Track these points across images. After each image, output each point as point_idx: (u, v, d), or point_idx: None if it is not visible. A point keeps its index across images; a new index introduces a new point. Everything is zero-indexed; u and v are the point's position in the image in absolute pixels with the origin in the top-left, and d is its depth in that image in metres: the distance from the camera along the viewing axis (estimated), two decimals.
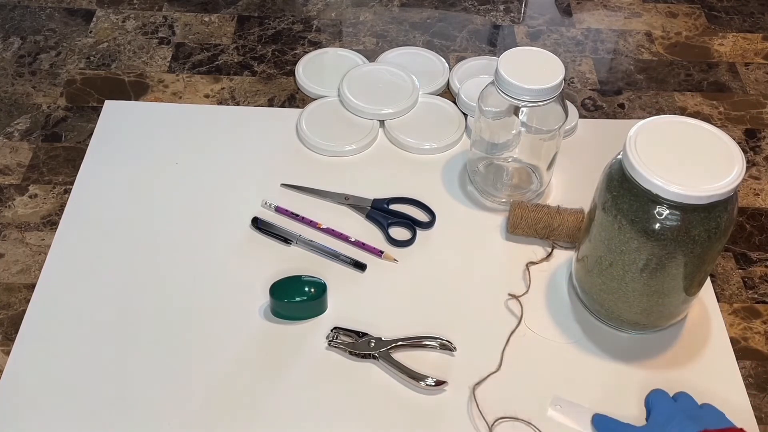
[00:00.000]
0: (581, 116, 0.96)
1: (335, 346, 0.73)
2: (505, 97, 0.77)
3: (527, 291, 0.78)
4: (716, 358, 0.74)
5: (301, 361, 0.72)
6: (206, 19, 1.09)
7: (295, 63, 1.02)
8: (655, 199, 0.64)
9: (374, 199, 0.85)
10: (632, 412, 0.70)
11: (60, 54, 1.03)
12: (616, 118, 0.98)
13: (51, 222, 0.83)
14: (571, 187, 0.87)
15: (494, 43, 1.08)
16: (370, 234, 0.83)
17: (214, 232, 0.82)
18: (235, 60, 1.03)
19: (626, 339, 0.75)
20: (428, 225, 0.84)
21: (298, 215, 0.84)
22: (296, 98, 0.98)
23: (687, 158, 0.65)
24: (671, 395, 0.69)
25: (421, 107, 0.96)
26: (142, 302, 0.76)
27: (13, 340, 0.73)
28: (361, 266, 0.80)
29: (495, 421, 0.68)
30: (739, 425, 0.64)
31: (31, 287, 0.77)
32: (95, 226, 0.82)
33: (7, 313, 0.75)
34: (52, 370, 0.71)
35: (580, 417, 0.69)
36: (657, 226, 0.65)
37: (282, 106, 0.97)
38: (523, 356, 0.73)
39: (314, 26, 1.09)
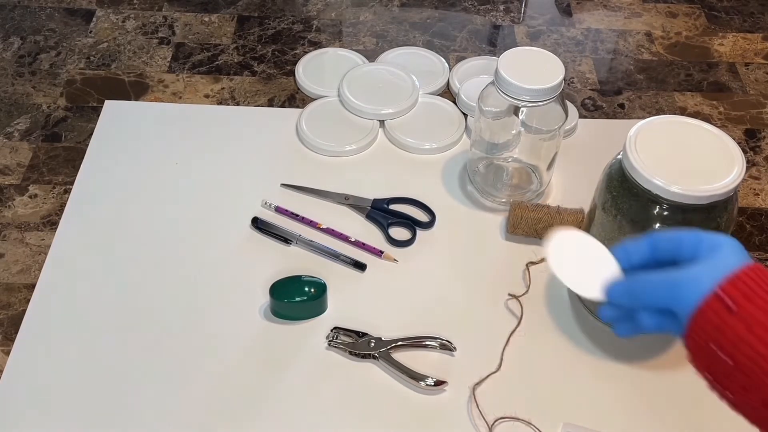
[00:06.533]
0: (581, 116, 0.96)
1: (335, 346, 0.73)
2: (505, 97, 0.77)
3: (527, 291, 0.78)
4: None
5: (301, 361, 0.72)
6: (206, 19, 1.09)
7: (295, 63, 1.02)
8: (655, 199, 0.64)
9: (374, 199, 0.85)
10: (632, 412, 0.70)
11: (60, 54, 1.03)
12: (616, 118, 0.98)
13: (51, 222, 0.83)
14: (571, 187, 0.87)
15: (494, 43, 1.08)
16: (370, 234, 0.83)
17: (214, 232, 0.82)
18: (235, 60, 1.03)
19: (626, 339, 0.75)
20: (428, 225, 0.84)
21: (298, 215, 0.84)
22: (296, 98, 0.98)
23: (687, 158, 0.65)
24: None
25: (421, 107, 0.96)
26: (142, 302, 0.76)
27: (13, 340, 0.73)
28: (361, 266, 0.80)
29: (495, 421, 0.68)
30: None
31: (31, 287, 0.77)
32: (95, 226, 0.82)
33: (7, 313, 0.75)
34: (52, 370, 0.71)
35: None
36: (657, 226, 0.65)
37: (282, 106, 0.97)
38: (523, 356, 0.73)
39: (314, 26, 1.09)
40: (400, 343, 0.73)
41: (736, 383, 0.47)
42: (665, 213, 0.65)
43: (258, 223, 0.82)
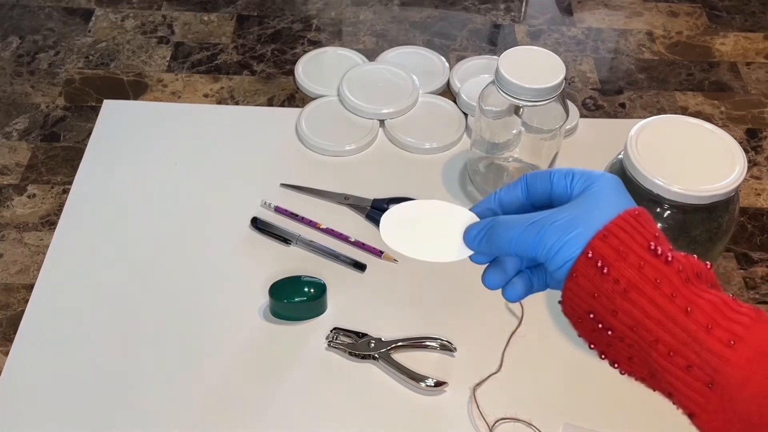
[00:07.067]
0: (582, 116, 0.96)
1: (335, 347, 0.73)
2: (506, 96, 0.76)
3: None
4: None
5: (301, 362, 0.72)
6: (205, 18, 1.09)
7: (294, 62, 1.01)
8: (657, 199, 0.64)
9: (374, 199, 0.85)
10: (631, 410, 0.70)
11: (59, 53, 1.02)
12: (617, 117, 0.98)
13: (50, 222, 0.83)
14: None
15: (495, 42, 1.08)
16: (370, 234, 0.83)
17: (213, 232, 0.82)
18: (235, 59, 1.03)
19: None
20: None
21: (297, 215, 0.83)
22: (296, 98, 0.98)
23: (688, 158, 0.65)
24: None
25: (421, 107, 0.95)
26: (141, 303, 0.76)
27: (11, 341, 0.72)
28: (361, 266, 0.79)
29: (495, 422, 0.68)
30: None
31: (30, 287, 0.77)
32: (94, 226, 0.82)
33: (6, 314, 0.75)
34: (50, 371, 0.71)
35: None
36: (658, 226, 0.65)
37: (281, 105, 0.97)
38: (523, 357, 0.73)
39: (314, 25, 1.08)
40: (400, 343, 0.72)
41: (620, 354, 0.43)
42: (666, 213, 0.65)
43: (257, 223, 0.82)
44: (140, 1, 1.11)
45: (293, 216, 0.83)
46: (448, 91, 0.99)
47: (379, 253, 0.80)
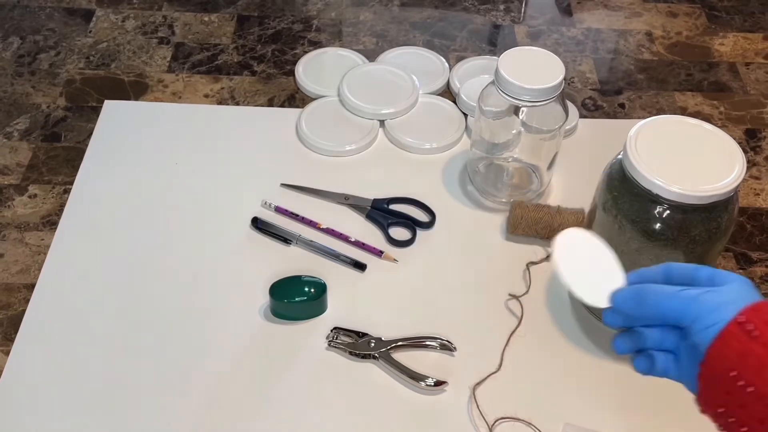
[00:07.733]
0: (581, 116, 0.96)
1: (335, 347, 0.73)
2: (506, 96, 0.77)
3: (527, 291, 0.78)
4: None
5: (301, 362, 0.72)
6: (206, 18, 1.09)
7: (294, 63, 1.01)
8: (656, 199, 0.64)
9: (374, 199, 0.85)
10: (633, 412, 0.70)
11: (59, 54, 1.02)
12: (616, 117, 0.98)
13: (50, 222, 0.83)
14: (572, 187, 0.87)
15: (494, 42, 1.08)
16: (370, 234, 0.83)
17: (213, 232, 0.82)
18: (235, 60, 1.03)
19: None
20: (428, 225, 0.84)
21: (297, 215, 0.83)
22: (296, 98, 0.98)
23: (687, 158, 0.65)
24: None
25: (421, 107, 0.95)
26: (142, 302, 0.76)
27: (12, 341, 0.73)
28: (361, 266, 0.79)
29: (495, 422, 0.68)
30: None
31: (31, 287, 0.77)
32: (95, 226, 0.82)
33: (7, 313, 0.75)
34: (51, 371, 0.71)
35: None
36: (657, 226, 0.65)
37: (282, 106, 0.97)
38: (523, 356, 0.73)
39: (314, 26, 1.08)
40: (400, 343, 0.73)
41: (754, 415, 0.45)
42: (666, 213, 0.65)
43: (258, 223, 0.82)
44: (141, 2, 1.11)
45: (293, 216, 0.83)
46: (448, 92, 1.00)
47: (379, 253, 0.81)
